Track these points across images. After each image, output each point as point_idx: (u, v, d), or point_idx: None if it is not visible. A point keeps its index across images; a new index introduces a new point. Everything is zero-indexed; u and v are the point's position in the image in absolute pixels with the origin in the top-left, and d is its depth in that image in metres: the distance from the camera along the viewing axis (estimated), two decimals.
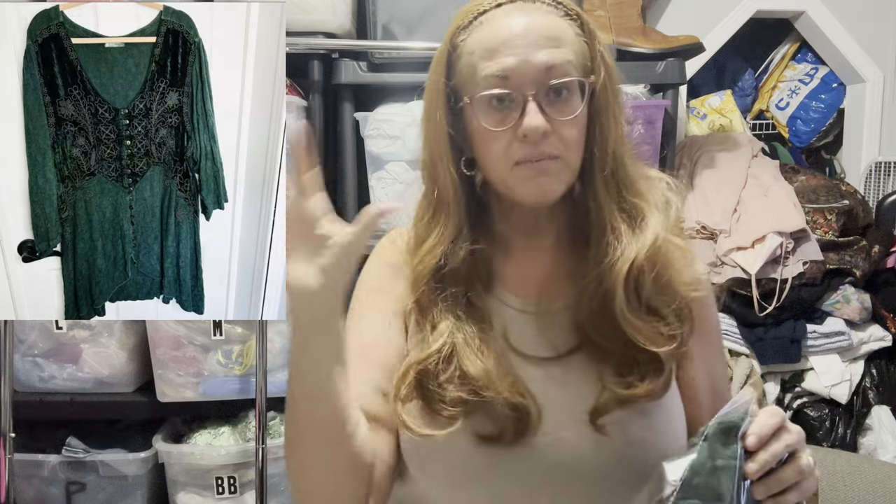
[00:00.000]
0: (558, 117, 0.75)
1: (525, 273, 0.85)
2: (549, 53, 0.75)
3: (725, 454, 0.66)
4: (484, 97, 0.76)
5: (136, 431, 1.82)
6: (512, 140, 0.76)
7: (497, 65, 0.75)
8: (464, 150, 0.81)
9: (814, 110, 2.38)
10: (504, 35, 0.76)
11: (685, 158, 2.09)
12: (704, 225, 1.92)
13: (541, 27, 0.76)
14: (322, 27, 1.72)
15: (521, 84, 0.75)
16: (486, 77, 0.76)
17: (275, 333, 1.69)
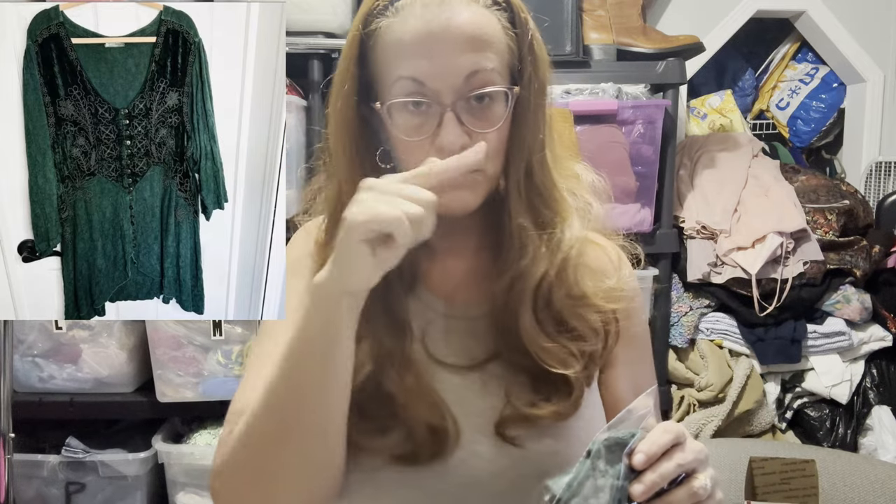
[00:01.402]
0: (479, 129, 0.69)
1: (447, 273, 0.80)
2: (471, 58, 0.67)
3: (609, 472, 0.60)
4: (397, 104, 0.69)
5: (135, 432, 1.82)
6: (429, 149, 0.69)
7: (412, 67, 0.67)
8: (381, 140, 0.74)
9: (814, 110, 2.38)
10: (421, 32, 0.67)
11: (685, 158, 2.09)
12: (705, 225, 1.92)
13: (463, 24, 0.67)
14: (322, 27, 1.72)
15: (438, 91, 0.68)
16: (401, 79, 0.68)
17: None
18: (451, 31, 0.67)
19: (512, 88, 0.70)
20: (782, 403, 1.96)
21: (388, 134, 0.72)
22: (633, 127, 1.82)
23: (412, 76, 0.68)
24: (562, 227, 0.74)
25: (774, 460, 1.40)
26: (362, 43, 0.72)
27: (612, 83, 1.80)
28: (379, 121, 0.73)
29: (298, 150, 1.75)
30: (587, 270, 0.76)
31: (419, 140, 0.69)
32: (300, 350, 0.64)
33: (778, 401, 1.95)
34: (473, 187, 0.72)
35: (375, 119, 0.73)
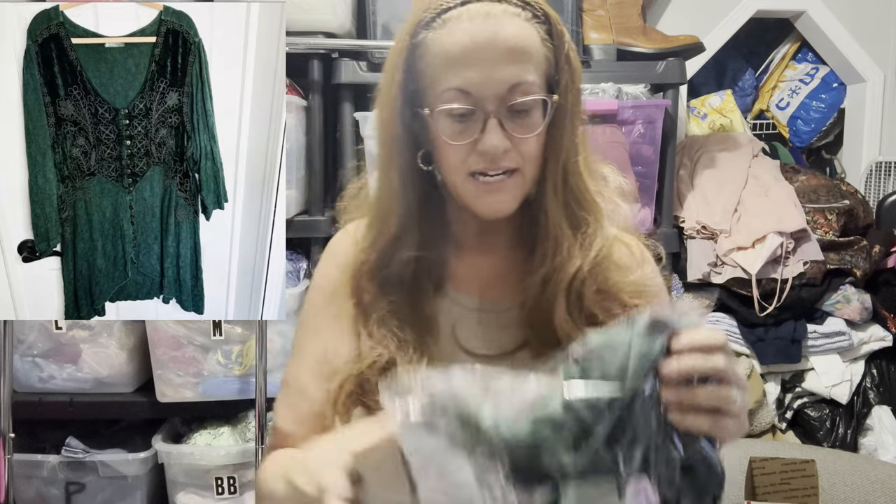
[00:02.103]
0: (519, 134, 0.74)
1: (476, 272, 0.84)
2: (514, 70, 0.72)
3: (645, 342, 0.59)
4: (444, 110, 0.74)
5: (135, 432, 1.82)
6: (471, 152, 0.75)
7: (459, 78, 0.73)
8: (422, 144, 0.79)
9: (814, 110, 2.38)
10: (468, 45, 0.72)
11: (685, 158, 2.09)
12: (705, 225, 1.92)
13: (506, 38, 0.72)
14: (322, 27, 1.72)
15: (482, 99, 0.73)
16: (448, 90, 0.73)
17: (275, 333, 1.69)
18: (496, 44, 0.72)
19: (550, 97, 0.75)
20: (782, 403, 1.96)
21: (431, 137, 0.77)
22: (633, 127, 1.82)
23: (459, 87, 0.73)
24: (594, 227, 0.78)
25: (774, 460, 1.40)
26: (409, 52, 0.76)
27: (612, 83, 1.80)
28: (421, 125, 0.77)
29: (298, 150, 1.75)
30: (614, 266, 0.79)
31: (463, 144, 0.74)
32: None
33: (778, 401, 1.95)
34: (513, 191, 0.77)
35: (418, 123, 0.77)
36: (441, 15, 0.74)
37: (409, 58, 0.76)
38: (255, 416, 1.63)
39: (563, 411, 0.58)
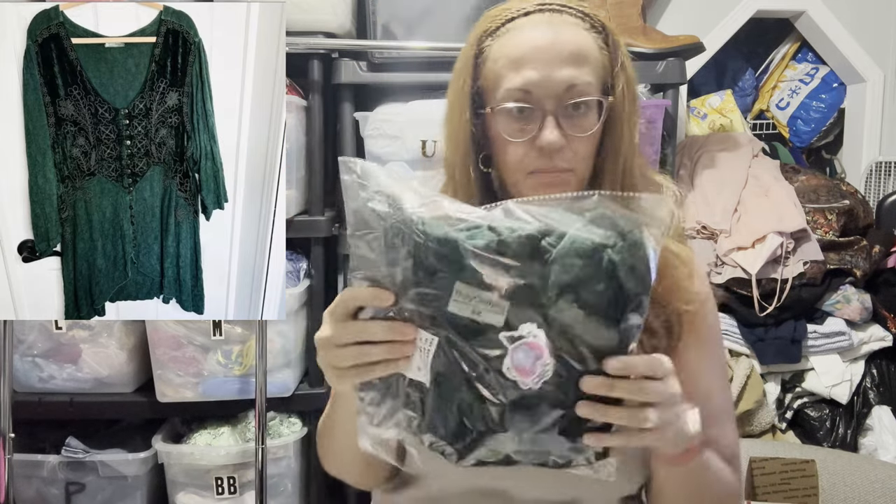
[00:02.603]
0: (574, 133, 0.78)
1: None
2: (571, 72, 0.77)
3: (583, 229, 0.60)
4: (505, 108, 0.79)
5: (135, 431, 1.82)
6: (529, 150, 0.79)
7: (520, 78, 0.77)
8: (483, 147, 0.84)
9: (814, 110, 2.38)
10: (529, 48, 0.78)
11: (685, 158, 2.09)
12: (705, 225, 1.92)
13: (565, 42, 0.78)
14: (322, 27, 1.72)
15: (541, 98, 0.77)
16: (509, 89, 0.78)
17: (275, 333, 1.69)
18: (555, 47, 0.77)
19: (605, 98, 0.79)
20: (782, 403, 1.96)
21: (491, 137, 0.82)
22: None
23: (520, 86, 0.77)
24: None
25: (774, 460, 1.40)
26: (475, 58, 0.82)
27: None
28: (483, 128, 0.82)
29: (298, 150, 1.75)
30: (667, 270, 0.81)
31: (522, 141, 0.79)
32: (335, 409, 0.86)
33: (778, 401, 1.95)
34: (564, 188, 0.80)
35: (479, 124, 0.83)
36: (506, 24, 0.80)
37: (476, 63, 0.82)
38: (255, 416, 1.63)
39: (479, 226, 0.61)
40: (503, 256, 0.60)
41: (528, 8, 0.80)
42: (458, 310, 0.61)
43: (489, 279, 0.60)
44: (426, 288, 0.61)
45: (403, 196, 0.62)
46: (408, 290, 0.62)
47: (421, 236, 0.61)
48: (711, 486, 0.79)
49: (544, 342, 0.60)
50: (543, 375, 0.61)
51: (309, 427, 1.80)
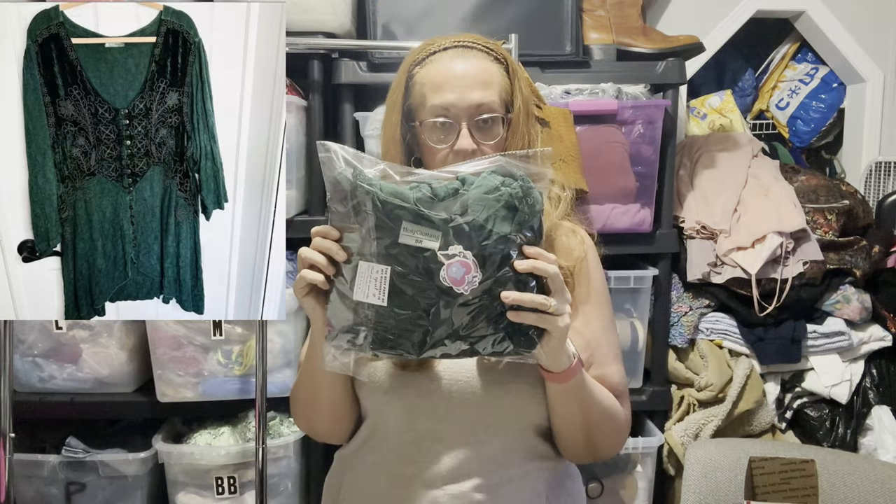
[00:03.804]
0: (484, 141, 1.01)
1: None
2: (480, 94, 0.99)
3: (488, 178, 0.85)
4: (430, 122, 1.00)
5: (136, 431, 1.82)
6: (449, 154, 1.00)
7: (441, 98, 0.99)
8: (414, 151, 1.05)
9: (814, 110, 2.38)
10: (448, 75, 1.00)
11: (685, 158, 2.10)
12: (704, 225, 1.92)
13: (476, 71, 1.01)
14: (322, 27, 1.72)
15: (457, 114, 0.99)
16: (433, 107, 1.00)
17: (275, 333, 1.69)
18: (467, 75, 1.00)
19: (507, 115, 1.02)
20: (782, 403, 1.96)
21: (420, 144, 1.04)
22: (633, 127, 1.82)
23: (441, 104, 1.00)
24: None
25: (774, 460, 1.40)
26: (406, 82, 1.04)
27: (612, 83, 1.80)
28: (413, 136, 1.04)
29: (298, 150, 1.75)
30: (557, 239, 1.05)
31: (444, 147, 1.00)
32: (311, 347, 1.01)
33: (778, 401, 1.95)
34: None
35: (410, 135, 1.05)
36: (430, 56, 1.03)
37: (407, 86, 1.04)
38: (255, 416, 1.63)
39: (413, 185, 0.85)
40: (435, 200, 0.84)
41: (446, 44, 1.03)
42: (406, 241, 0.83)
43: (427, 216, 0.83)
44: (382, 228, 0.83)
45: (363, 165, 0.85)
46: (369, 232, 0.83)
47: (378, 191, 0.83)
48: (595, 409, 0.97)
49: (471, 261, 0.83)
50: (472, 284, 0.83)
51: None
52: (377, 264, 0.84)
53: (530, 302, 0.83)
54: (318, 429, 1.09)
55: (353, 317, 0.85)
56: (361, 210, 0.84)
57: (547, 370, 0.91)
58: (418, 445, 0.99)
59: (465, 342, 0.85)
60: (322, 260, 0.86)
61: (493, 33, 1.72)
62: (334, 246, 0.85)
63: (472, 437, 0.98)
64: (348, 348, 0.86)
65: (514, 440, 1.00)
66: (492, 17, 1.78)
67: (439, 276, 0.83)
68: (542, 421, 1.01)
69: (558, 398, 0.96)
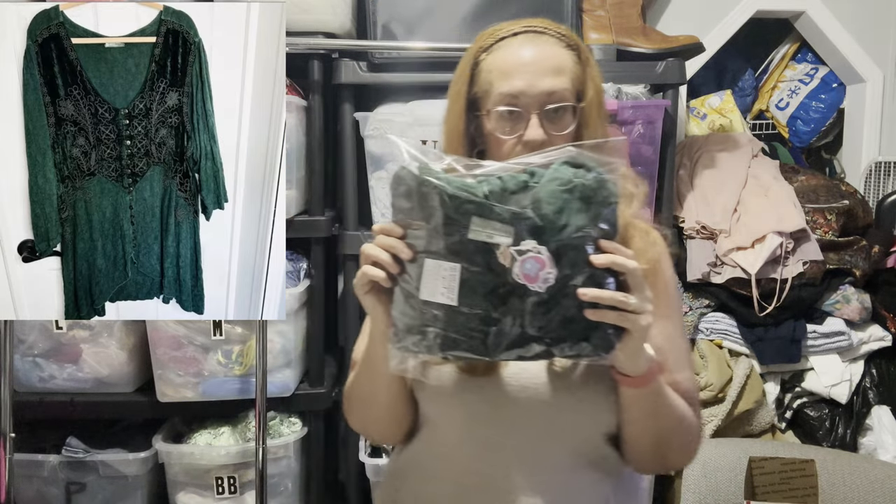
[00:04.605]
0: (554, 132, 0.94)
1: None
2: (551, 81, 0.93)
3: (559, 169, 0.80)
4: (497, 111, 0.94)
5: (136, 431, 1.82)
6: (516, 145, 0.94)
7: (510, 86, 0.94)
8: (477, 143, 1.00)
9: (814, 110, 2.38)
10: (517, 62, 0.95)
11: (685, 158, 2.10)
12: (704, 225, 1.92)
13: (547, 57, 0.95)
14: (322, 27, 1.72)
15: (527, 103, 0.94)
16: (501, 95, 0.94)
17: (275, 333, 1.69)
18: (538, 61, 0.94)
19: (578, 104, 0.96)
20: (782, 403, 1.96)
21: (485, 135, 0.98)
22: (633, 127, 1.82)
23: (510, 92, 0.94)
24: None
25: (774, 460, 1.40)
26: (472, 70, 0.98)
27: (611, 83, 1.80)
28: (478, 127, 0.99)
29: (298, 150, 1.75)
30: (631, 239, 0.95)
31: (511, 138, 0.95)
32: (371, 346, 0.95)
33: (778, 401, 1.95)
34: None
35: (474, 126, 0.99)
36: (498, 42, 0.97)
37: (472, 74, 0.98)
38: (255, 416, 1.63)
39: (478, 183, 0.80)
40: (506, 193, 0.79)
41: (516, 29, 0.97)
42: (476, 237, 0.78)
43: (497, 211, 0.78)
44: (450, 224, 0.79)
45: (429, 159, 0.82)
46: (437, 228, 0.79)
47: (446, 185, 0.79)
48: (669, 415, 0.92)
49: (546, 256, 0.78)
50: (547, 281, 0.78)
51: (309, 427, 1.80)
52: (446, 262, 0.79)
53: (610, 299, 0.78)
54: (373, 430, 1.06)
55: (419, 317, 0.80)
56: (428, 205, 0.80)
57: (623, 374, 0.86)
58: (481, 455, 0.94)
59: (540, 343, 0.80)
60: (386, 257, 0.82)
61: None
62: (399, 243, 0.81)
63: (538, 447, 0.93)
64: (416, 350, 0.81)
65: (582, 449, 0.95)
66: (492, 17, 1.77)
67: (512, 273, 0.78)
68: (612, 429, 0.95)
69: (633, 404, 0.90)
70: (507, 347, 0.80)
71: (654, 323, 0.92)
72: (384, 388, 0.97)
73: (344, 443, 1.94)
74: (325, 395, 1.79)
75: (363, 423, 1.06)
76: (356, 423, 1.06)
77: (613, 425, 0.95)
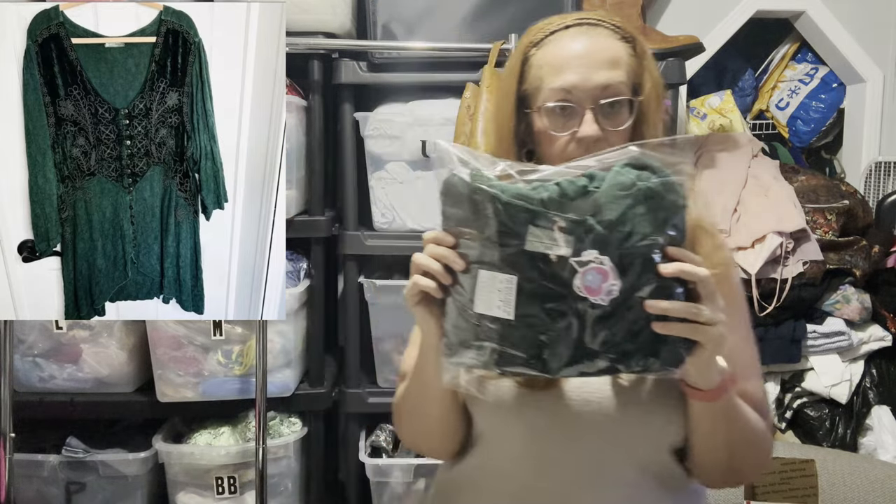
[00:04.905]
0: (610, 128, 0.89)
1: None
2: (607, 74, 0.88)
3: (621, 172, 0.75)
4: (550, 106, 0.89)
5: (135, 431, 1.82)
6: (570, 142, 0.89)
7: (562, 80, 0.88)
8: (526, 143, 0.95)
9: (814, 110, 2.38)
10: (570, 55, 0.90)
11: None
12: None
13: (601, 50, 0.89)
14: (322, 27, 1.72)
15: (580, 97, 0.88)
16: (553, 89, 0.89)
17: (275, 333, 1.69)
18: (592, 54, 0.89)
19: (636, 98, 0.90)
20: (782, 403, 1.96)
21: (535, 133, 0.93)
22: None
23: (562, 87, 0.88)
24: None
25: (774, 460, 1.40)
26: (522, 66, 0.93)
27: None
28: (527, 126, 0.93)
29: (298, 150, 1.75)
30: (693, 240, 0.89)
31: (564, 135, 0.89)
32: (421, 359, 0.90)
33: (778, 401, 1.95)
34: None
35: (523, 124, 0.94)
36: (549, 36, 0.92)
37: (522, 70, 0.93)
38: (255, 416, 1.63)
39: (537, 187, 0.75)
40: (564, 200, 0.74)
41: (568, 22, 0.92)
42: (533, 247, 0.74)
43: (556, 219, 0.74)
44: (505, 234, 0.74)
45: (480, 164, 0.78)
46: (490, 238, 0.75)
47: (500, 193, 0.74)
48: (742, 428, 0.87)
49: (609, 267, 0.73)
50: (611, 293, 0.73)
51: (309, 427, 1.80)
52: (501, 274, 0.75)
53: (680, 310, 0.73)
54: (423, 444, 1.02)
55: (474, 331, 0.76)
56: (481, 214, 0.75)
57: (694, 387, 0.81)
58: (541, 470, 0.90)
59: (604, 359, 0.75)
60: (438, 267, 0.78)
61: (493, 33, 1.72)
62: (451, 253, 0.77)
63: (601, 462, 0.89)
64: (472, 365, 0.77)
65: (647, 464, 0.90)
66: (492, 17, 1.78)
67: (573, 285, 0.74)
68: (678, 442, 0.90)
69: (704, 418, 0.85)
70: (568, 363, 0.76)
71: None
72: (436, 401, 0.92)
73: (344, 443, 1.94)
74: (325, 395, 1.79)
75: (413, 437, 1.02)
76: (406, 436, 1.04)
77: (680, 439, 0.90)
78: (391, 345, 1.83)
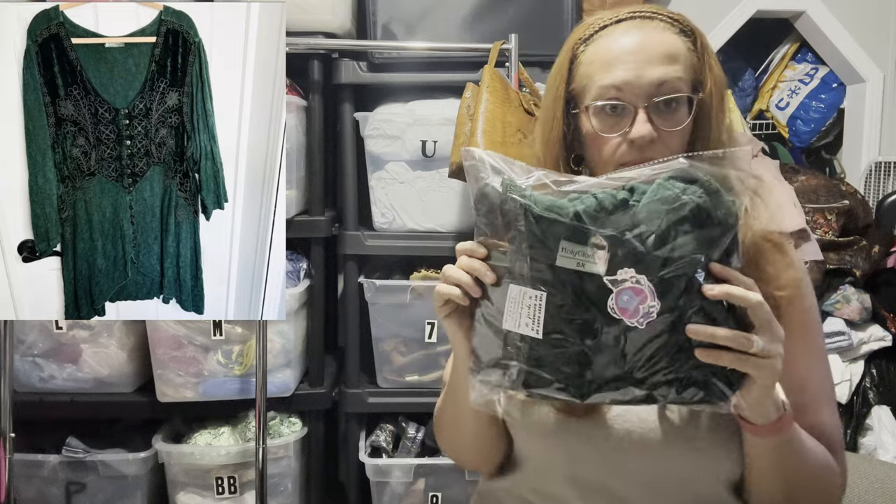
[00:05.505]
0: (665, 128, 0.81)
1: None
2: (662, 70, 0.81)
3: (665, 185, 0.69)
4: (599, 105, 0.82)
5: (135, 432, 1.82)
6: (621, 144, 0.82)
7: (612, 77, 0.81)
8: (574, 147, 0.89)
9: (814, 110, 2.38)
10: (620, 50, 0.82)
11: None
12: None
13: (655, 44, 0.82)
14: (322, 27, 1.72)
15: (633, 96, 0.81)
16: (603, 87, 0.82)
17: (275, 333, 1.69)
18: (645, 48, 0.82)
19: (695, 95, 0.83)
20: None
21: (583, 136, 0.86)
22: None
23: (612, 84, 0.81)
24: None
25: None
26: (570, 64, 0.87)
27: None
28: (574, 128, 0.87)
29: (298, 150, 1.75)
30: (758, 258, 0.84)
31: (615, 136, 0.82)
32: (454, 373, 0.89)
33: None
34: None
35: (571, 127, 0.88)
36: (599, 31, 0.86)
37: (570, 68, 0.87)
38: (255, 416, 1.63)
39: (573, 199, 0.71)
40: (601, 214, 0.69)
41: (620, 16, 0.85)
42: (565, 263, 0.69)
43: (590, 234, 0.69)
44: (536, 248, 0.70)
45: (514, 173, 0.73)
46: (521, 252, 0.71)
47: (532, 205, 0.70)
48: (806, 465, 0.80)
49: (647, 287, 0.67)
50: (648, 316, 0.68)
51: (309, 427, 1.80)
52: (531, 289, 0.71)
53: (726, 338, 0.66)
54: (462, 457, 0.99)
55: (502, 348, 0.73)
56: (513, 226, 0.72)
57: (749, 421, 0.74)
58: (589, 499, 0.85)
59: (639, 387, 0.69)
60: (468, 280, 0.74)
61: (493, 33, 1.72)
62: (481, 266, 0.74)
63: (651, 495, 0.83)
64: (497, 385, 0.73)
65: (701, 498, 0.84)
66: (492, 17, 1.78)
67: (606, 305, 0.68)
68: (735, 477, 0.84)
69: (761, 454, 0.78)
70: (598, 389, 0.70)
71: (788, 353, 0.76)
72: (470, 417, 0.89)
73: (344, 443, 1.94)
74: (325, 395, 1.79)
75: (451, 448, 0.99)
76: (444, 446, 1.01)
77: (737, 474, 0.83)
78: (391, 345, 1.83)
